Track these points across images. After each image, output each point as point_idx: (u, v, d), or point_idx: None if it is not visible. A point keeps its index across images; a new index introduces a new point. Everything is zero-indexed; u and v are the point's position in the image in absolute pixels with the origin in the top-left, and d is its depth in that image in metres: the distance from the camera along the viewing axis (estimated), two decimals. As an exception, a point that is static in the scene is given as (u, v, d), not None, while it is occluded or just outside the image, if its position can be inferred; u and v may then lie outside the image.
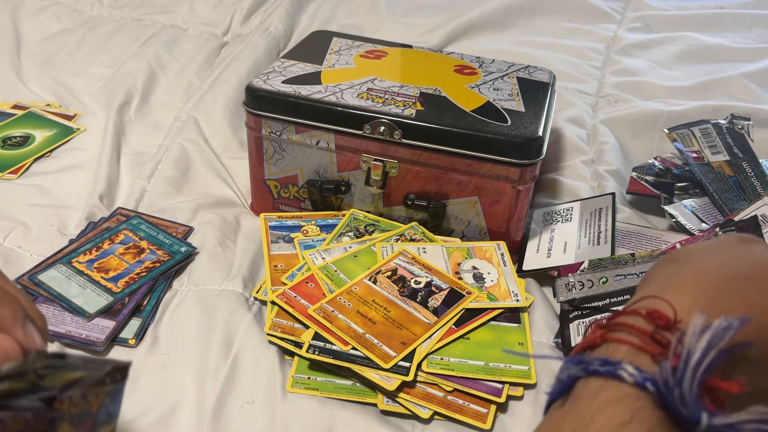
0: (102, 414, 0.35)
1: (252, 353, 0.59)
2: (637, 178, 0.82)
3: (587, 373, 0.31)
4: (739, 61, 1.12)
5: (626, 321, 0.32)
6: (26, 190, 0.80)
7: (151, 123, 0.95)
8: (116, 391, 0.35)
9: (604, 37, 1.23)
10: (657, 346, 0.31)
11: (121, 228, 0.72)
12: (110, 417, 0.35)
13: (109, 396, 0.35)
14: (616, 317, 0.33)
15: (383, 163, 0.70)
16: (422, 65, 0.81)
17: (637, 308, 0.33)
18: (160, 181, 0.81)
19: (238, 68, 1.03)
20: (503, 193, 0.69)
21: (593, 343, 0.33)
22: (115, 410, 0.36)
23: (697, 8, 1.31)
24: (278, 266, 0.67)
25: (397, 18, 1.26)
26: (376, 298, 0.62)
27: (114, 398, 0.35)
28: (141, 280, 0.66)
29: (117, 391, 0.35)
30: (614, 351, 0.32)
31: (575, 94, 1.06)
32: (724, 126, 0.85)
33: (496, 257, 0.69)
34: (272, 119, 0.72)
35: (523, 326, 0.62)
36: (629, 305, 0.34)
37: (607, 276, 0.63)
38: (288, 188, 0.76)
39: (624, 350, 0.31)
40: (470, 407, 0.55)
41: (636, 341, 0.31)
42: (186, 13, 1.23)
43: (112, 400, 0.35)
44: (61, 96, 1.00)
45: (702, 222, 0.74)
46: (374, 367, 0.56)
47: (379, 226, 0.73)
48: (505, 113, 0.70)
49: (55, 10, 1.22)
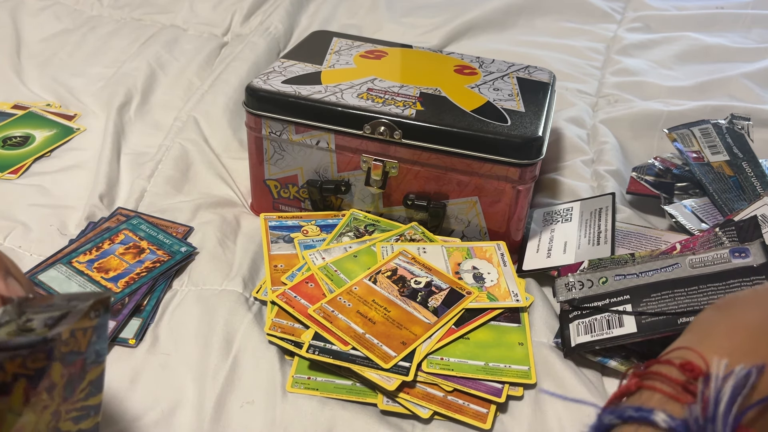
0: (90, 354, 0.36)
1: (252, 353, 0.59)
2: (637, 178, 0.82)
3: (622, 420, 0.33)
4: (739, 61, 1.12)
5: (660, 370, 0.34)
6: (26, 190, 0.80)
7: (151, 123, 0.95)
8: (101, 327, 0.36)
9: (604, 37, 1.23)
10: (689, 395, 0.33)
11: (121, 228, 0.72)
12: (98, 357, 0.36)
13: (95, 333, 0.35)
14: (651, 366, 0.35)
15: (383, 163, 0.70)
16: (422, 65, 0.82)
17: (671, 358, 0.35)
18: (160, 181, 0.81)
19: (238, 68, 1.03)
20: (503, 193, 0.69)
21: (628, 390, 0.35)
22: (103, 349, 0.37)
23: (697, 8, 1.31)
24: (278, 266, 0.67)
25: (397, 18, 1.26)
26: (376, 298, 0.62)
27: (100, 335, 0.36)
28: (141, 280, 0.66)
29: (102, 327, 0.36)
30: (648, 399, 0.34)
31: (575, 94, 1.06)
32: (724, 126, 0.85)
33: (496, 257, 0.69)
34: (272, 119, 0.72)
35: (523, 326, 0.62)
36: (665, 354, 0.36)
37: (607, 276, 0.63)
38: (288, 188, 0.76)
39: (657, 398, 0.33)
40: (470, 407, 0.55)
41: (669, 390, 0.33)
42: (186, 13, 1.23)
43: (99, 337, 0.36)
44: (61, 96, 1.00)
45: (702, 222, 0.74)
46: (374, 367, 0.56)
47: (379, 226, 0.73)
48: (505, 113, 0.70)
49: (55, 10, 1.22)
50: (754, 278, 0.57)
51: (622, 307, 0.59)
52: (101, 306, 0.35)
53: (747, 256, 0.58)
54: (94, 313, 0.35)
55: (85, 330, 0.35)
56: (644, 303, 0.59)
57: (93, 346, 0.35)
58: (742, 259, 0.58)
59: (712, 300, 0.56)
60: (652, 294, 0.59)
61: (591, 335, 0.59)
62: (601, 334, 0.59)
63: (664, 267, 0.61)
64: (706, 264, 0.59)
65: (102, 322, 0.36)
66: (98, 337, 0.36)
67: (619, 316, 0.59)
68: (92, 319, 0.35)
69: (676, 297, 0.58)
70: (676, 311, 0.57)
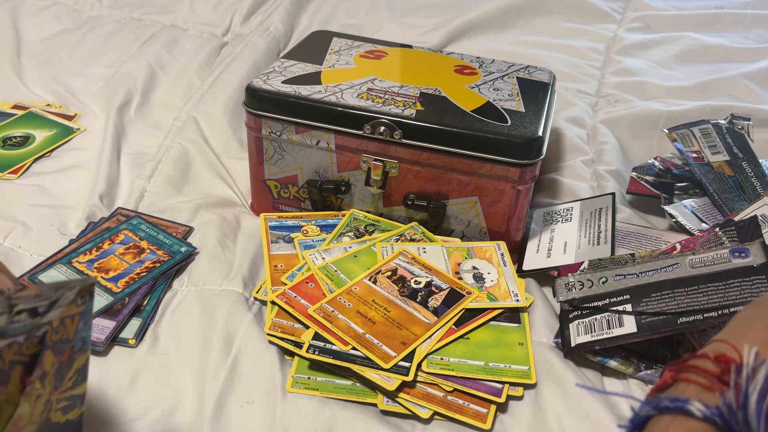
0: (77, 341, 0.37)
1: (252, 353, 0.59)
2: (637, 178, 0.82)
3: (658, 411, 0.33)
4: (739, 61, 1.12)
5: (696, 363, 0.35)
6: (26, 190, 0.80)
7: (151, 123, 0.95)
8: (87, 313, 0.37)
9: (604, 37, 1.23)
10: (723, 385, 0.33)
11: (121, 228, 0.72)
12: (84, 344, 0.37)
13: (82, 319, 0.36)
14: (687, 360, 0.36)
15: (383, 163, 0.70)
16: (422, 65, 0.81)
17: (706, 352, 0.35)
18: (160, 181, 0.81)
19: (238, 68, 1.03)
20: (503, 193, 0.69)
21: (664, 383, 0.36)
22: (88, 336, 0.37)
23: (697, 8, 1.31)
24: (278, 266, 0.67)
25: (397, 18, 1.26)
26: (376, 298, 0.62)
27: (86, 322, 0.37)
28: (141, 280, 0.66)
29: (87, 314, 0.37)
30: (683, 390, 0.34)
31: (575, 94, 1.06)
32: (724, 126, 0.85)
33: (496, 257, 0.69)
34: (272, 119, 0.72)
35: (523, 326, 0.62)
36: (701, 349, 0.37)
37: (607, 276, 0.63)
38: (288, 188, 0.76)
39: (692, 389, 0.34)
40: (470, 407, 0.55)
41: (704, 381, 0.34)
42: (186, 13, 1.23)
43: (85, 324, 0.37)
44: (61, 96, 1.00)
45: (702, 222, 0.74)
46: (374, 367, 0.56)
47: (379, 226, 0.73)
48: (505, 113, 0.70)
49: (55, 10, 1.22)
50: (754, 278, 0.57)
51: (622, 307, 0.59)
52: (86, 292, 0.36)
53: (747, 256, 0.58)
54: (81, 299, 0.36)
55: (72, 317, 0.36)
56: (644, 303, 0.59)
57: (80, 333, 0.36)
58: (742, 259, 0.58)
59: (712, 300, 0.56)
60: (652, 294, 0.59)
61: (591, 335, 0.59)
62: (601, 334, 0.59)
63: (664, 267, 0.61)
64: (706, 264, 0.59)
65: (88, 308, 0.37)
66: (84, 323, 0.37)
67: (619, 316, 0.59)
68: (79, 305, 0.36)
69: (676, 297, 0.58)
70: (676, 311, 0.57)
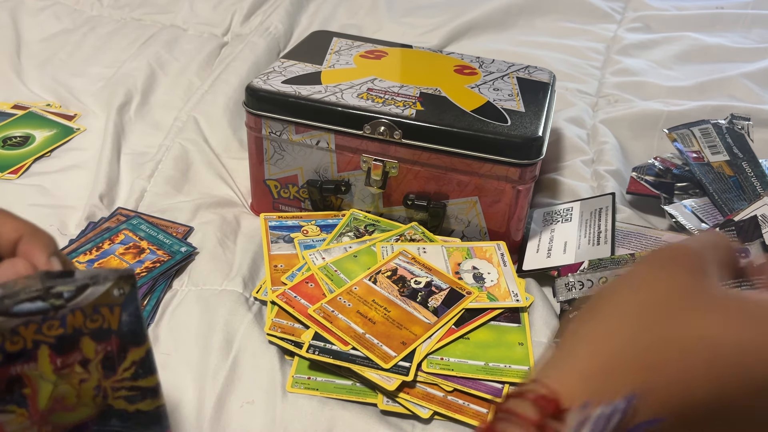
0: (125, 333, 0.36)
1: (252, 353, 0.59)
2: (637, 178, 0.82)
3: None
4: (739, 61, 1.12)
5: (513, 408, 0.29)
6: (26, 190, 0.80)
7: (151, 123, 0.95)
8: (129, 305, 0.36)
9: (604, 37, 1.23)
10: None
11: (121, 228, 0.72)
12: (135, 337, 0.37)
13: (124, 311, 0.36)
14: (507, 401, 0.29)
15: (383, 163, 0.70)
16: (422, 65, 0.81)
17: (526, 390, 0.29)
18: (160, 181, 0.81)
19: (238, 68, 1.03)
20: (503, 193, 0.69)
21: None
22: (140, 329, 0.37)
23: (697, 8, 1.31)
24: (278, 266, 0.67)
25: (397, 18, 1.26)
26: (376, 298, 0.62)
27: (131, 313, 0.36)
28: (141, 281, 0.66)
29: (130, 305, 0.36)
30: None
31: (575, 94, 1.06)
32: (724, 126, 0.85)
33: (496, 257, 0.69)
34: (272, 119, 0.72)
35: (523, 326, 0.62)
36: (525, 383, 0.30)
37: (607, 276, 0.63)
38: (288, 188, 0.76)
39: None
40: (470, 407, 0.55)
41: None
42: (186, 13, 1.23)
43: (130, 316, 0.36)
44: (61, 96, 1.00)
45: (702, 222, 0.74)
46: (374, 367, 0.56)
47: (379, 226, 0.73)
48: (505, 113, 0.70)
49: (55, 10, 1.22)
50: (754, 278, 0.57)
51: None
52: (125, 283, 0.36)
53: (747, 256, 0.58)
54: (118, 290, 0.35)
55: (110, 307, 0.35)
56: (644, 303, 0.59)
57: (125, 325, 0.36)
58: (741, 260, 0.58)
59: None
60: (652, 294, 0.59)
61: (591, 335, 0.59)
62: (601, 334, 0.59)
63: (664, 267, 0.61)
64: (706, 264, 0.59)
65: (129, 300, 0.36)
66: (129, 315, 0.36)
67: (619, 316, 0.59)
68: (117, 296, 0.35)
69: (676, 297, 0.58)
70: (676, 311, 0.57)
